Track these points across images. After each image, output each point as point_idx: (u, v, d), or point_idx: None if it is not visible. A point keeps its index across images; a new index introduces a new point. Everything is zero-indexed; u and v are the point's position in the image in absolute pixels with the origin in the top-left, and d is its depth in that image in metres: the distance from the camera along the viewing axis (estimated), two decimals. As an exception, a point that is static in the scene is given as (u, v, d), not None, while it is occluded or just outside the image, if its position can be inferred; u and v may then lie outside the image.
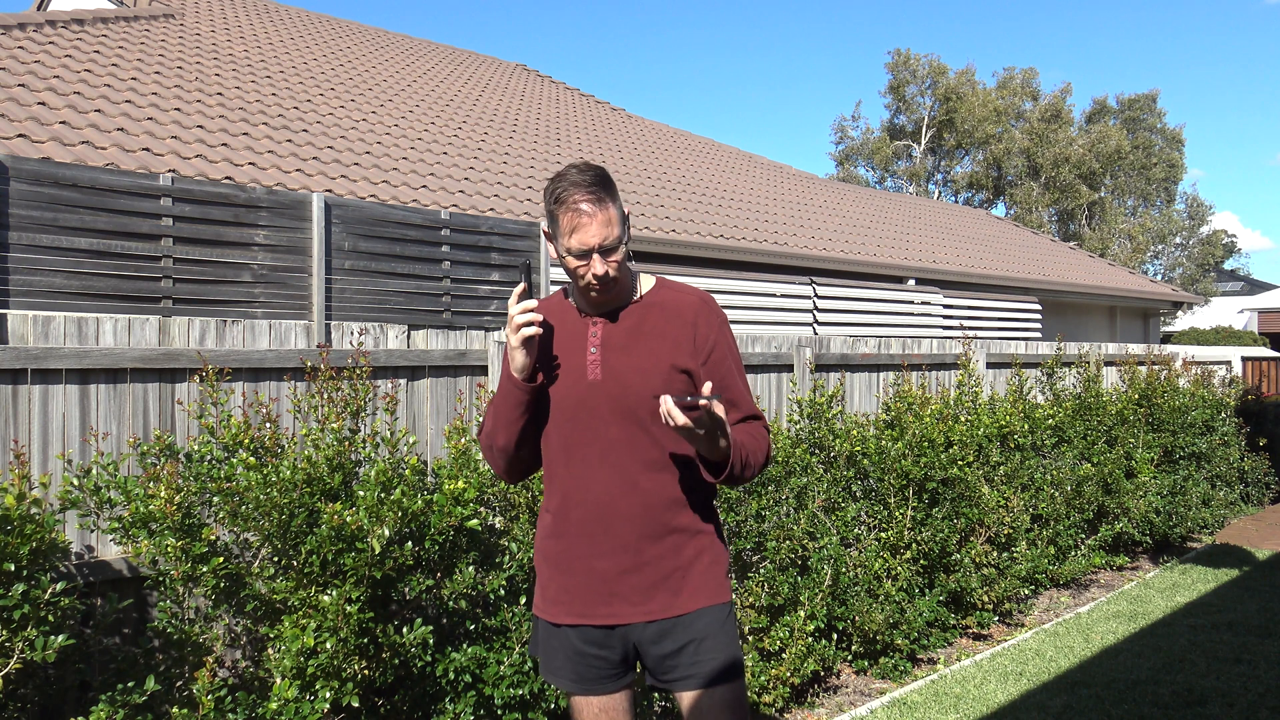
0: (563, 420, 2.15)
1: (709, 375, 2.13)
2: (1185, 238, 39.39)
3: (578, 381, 2.13)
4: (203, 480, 2.97)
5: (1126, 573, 7.09)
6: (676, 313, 2.16)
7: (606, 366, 2.11)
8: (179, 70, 8.42)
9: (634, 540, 2.09)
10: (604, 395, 2.10)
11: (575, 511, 2.13)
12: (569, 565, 2.14)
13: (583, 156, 11.09)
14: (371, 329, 4.08)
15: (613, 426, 2.09)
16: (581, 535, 2.12)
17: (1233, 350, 14.07)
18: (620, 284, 2.13)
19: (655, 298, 2.20)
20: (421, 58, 14.04)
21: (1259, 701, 4.34)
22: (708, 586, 2.13)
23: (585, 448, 2.12)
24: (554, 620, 2.16)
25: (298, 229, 4.64)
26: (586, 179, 2.04)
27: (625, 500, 2.09)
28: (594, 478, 2.10)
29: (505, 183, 8.72)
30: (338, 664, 2.91)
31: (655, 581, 2.10)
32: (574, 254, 2.05)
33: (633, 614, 2.10)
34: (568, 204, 2.03)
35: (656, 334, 2.13)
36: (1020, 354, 7.93)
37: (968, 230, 17.13)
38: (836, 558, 4.56)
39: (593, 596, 2.11)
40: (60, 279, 3.89)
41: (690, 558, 2.12)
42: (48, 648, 2.53)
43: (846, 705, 4.42)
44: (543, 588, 2.22)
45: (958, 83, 37.28)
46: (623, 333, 2.14)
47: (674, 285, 2.24)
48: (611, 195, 2.07)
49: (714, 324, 2.18)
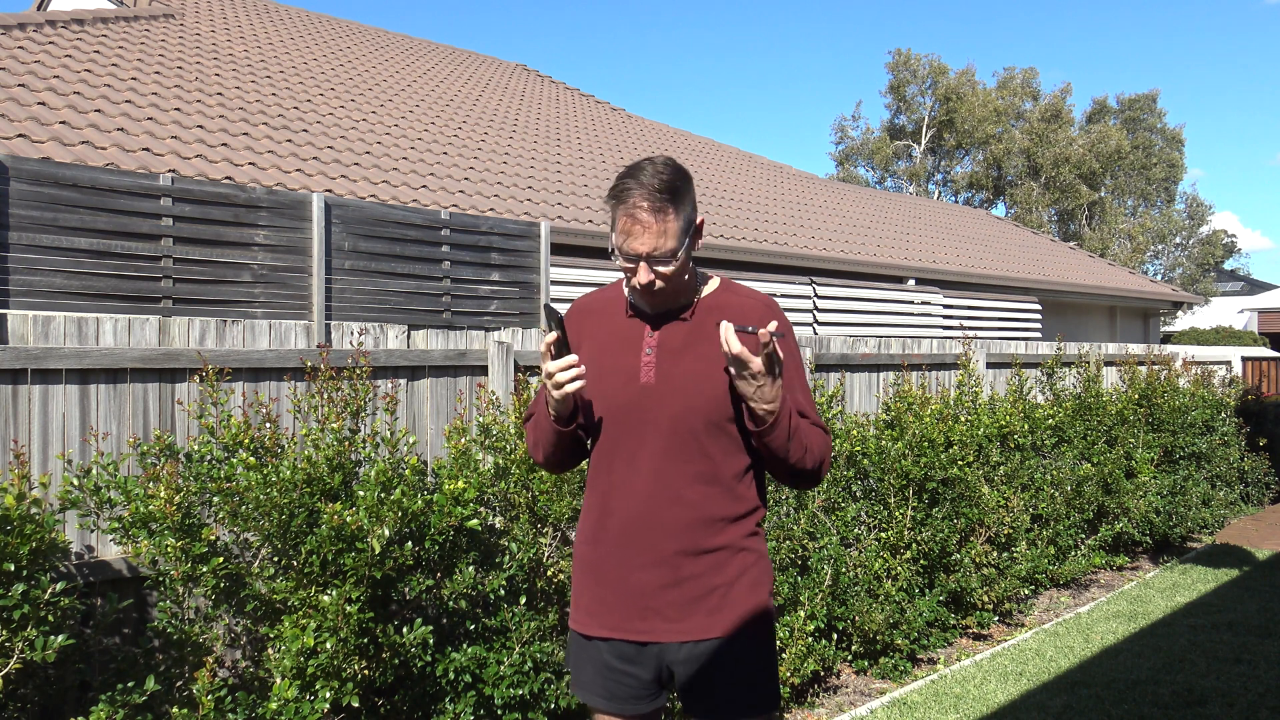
0: (609, 423, 2.04)
1: None
2: (1185, 238, 39.40)
3: (628, 383, 2.01)
4: (203, 480, 2.97)
5: (1126, 573, 7.09)
6: (739, 317, 2.02)
7: (660, 370, 2.00)
8: (179, 70, 8.42)
9: (673, 555, 1.97)
10: (655, 400, 1.98)
11: (614, 520, 2.02)
12: (604, 575, 2.03)
13: (582, 157, 11.10)
14: (371, 329, 4.08)
15: (661, 434, 1.98)
16: (619, 545, 2.01)
17: (1233, 350, 14.07)
18: (672, 292, 2.00)
19: (717, 300, 2.06)
20: (421, 58, 14.04)
21: (1259, 701, 4.34)
22: (748, 609, 2.02)
23: (630, 454, 2.00)
24: (585, 632, 2.07)
25: (298, 229, 4.64)
26: (655, 184, 1.90)
27: (667, 512, 1.98)
28: (636, 486, 1.99)
29: (505, 183, 8.72)
30: (338, 664, 2.91)
31: (693, 599, 1.98)
32: (624, 257, 1.95)
33: (668, 632, 1.99)
34: (626, 205, 1.91)
35: (716, 339, 1.98)
36: (1020, 354, 7.93)
37: (968, 230, 17.13)
38: (836, 558, 4.56)
39: (628, 610, 2.00)
40: (60, 279, 3.89)
41: (732, 576, 2.00)
42: (48, 648, 2.53)
43: (846, 705, 4.42)
44: (577, 597, 2.12)
45: (958, 83, 37.29)
46: (680, 336, 2.02)
47: (738, 289, 2.12)
48: (678, 204, 1.92)
49: (778, 331, 2.02)
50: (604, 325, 2.10)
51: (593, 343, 2.08)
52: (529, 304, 5.75)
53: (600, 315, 2.12)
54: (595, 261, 7.43)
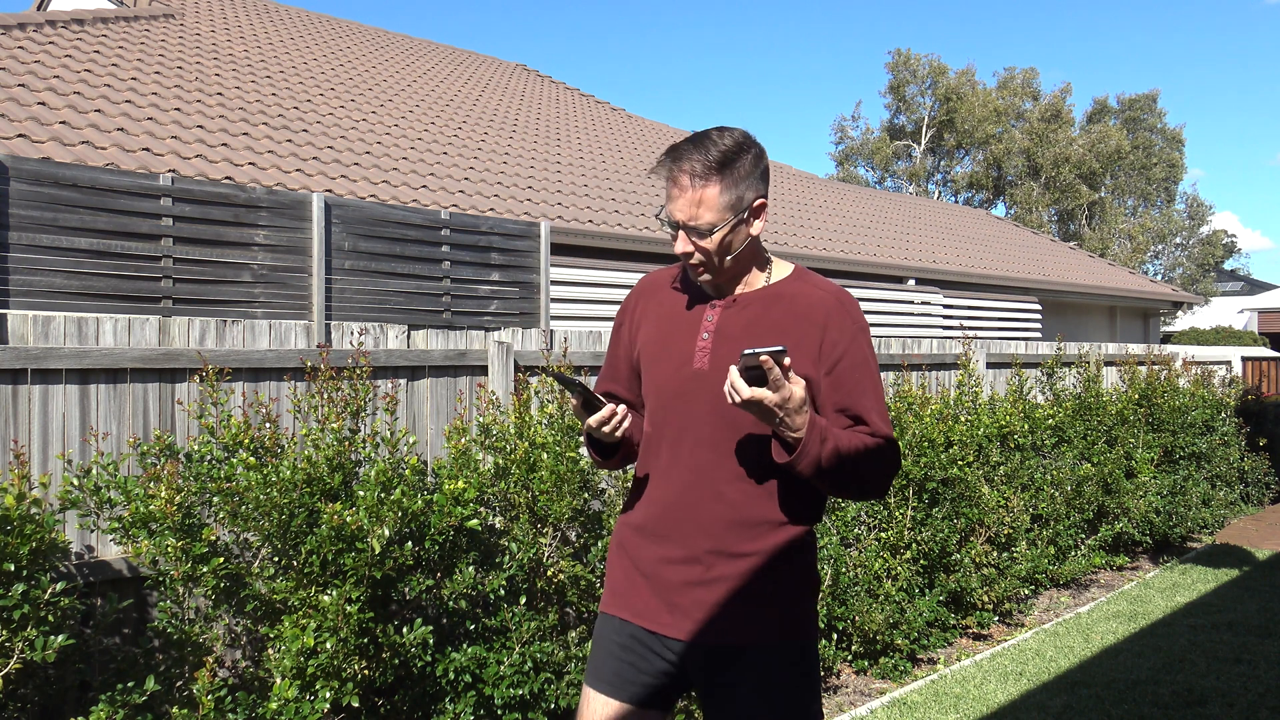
0: (657, 407, 1.94)
1: (834, 386, 1.85)
2: (1185, 238, 39.39)
3: (681, 368, 1.90)
4: (203, 480, 2.97)
5: (1126, 573, 7.09)
6: (806, 310, 1.89)
7: (715, 357, 1.87)
8: (179, 70, 8.42)
9: (705, 553, 1.85)
10: (706, 388, 1.85)
11: (655, 508, 1.92)
12: (639, 562, 1.94)
13: (582, 157, 11.10)
14: (371, 329, 4.08)
15: (708, 424, 1.86)
16: (654, 535, 1.92)
17: (1233, 350, 14.07)
18: (718, 268, 1.88)
19: (785, 289, 1.93)
20: (421, 58, 14.04)
21: (1259, 701, 4.34)
22: (784, 619, 1.87)
23: (673, 443, 1.90)
24: (609, 611, 1.98)
25: (298, 229, 4.64)
26: (708, 147, 1.80)
27: (705, 508, 1.86)
28: (675, 478, 1.89)
29: (505, 183, 8.72)
30: (338, 664, 2.91)
31: (723, 602, 1.85)
32: (664, 221, 1.87)
33: (690, 631, 1.86)
34: (671, 168, 1.82)
35: (779, 330, 1.87)
36: (1020, 354, 7.93)
37: (968, 230, 17.13)
38: (836, 558, 4.56)
39: (656, 600, 1.90)
40: (60, 279, 3.89)
41: (771, 584, 1.86)
42: (48, 648, 2.53)
43: (846, 705, 4.42)
44: (611, 578, 2.01)
45: (958, 83, 37.29)
46: (741, 322, 1.90)
47: (811, 278, 1.97)
48: (727, 177, 1.80)
49: (847, 329, 1.88)
50: (668, 303, 2.00)
51: (655, 320, 2.00)
52: (529, 304, 5.75)
53: (666, 292, 2.02)
54: (596, 261, 7.43)
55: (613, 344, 2.11)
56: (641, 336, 2.00)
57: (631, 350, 2.04)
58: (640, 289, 2.09)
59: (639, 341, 2.02)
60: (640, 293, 2.08)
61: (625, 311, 2.09)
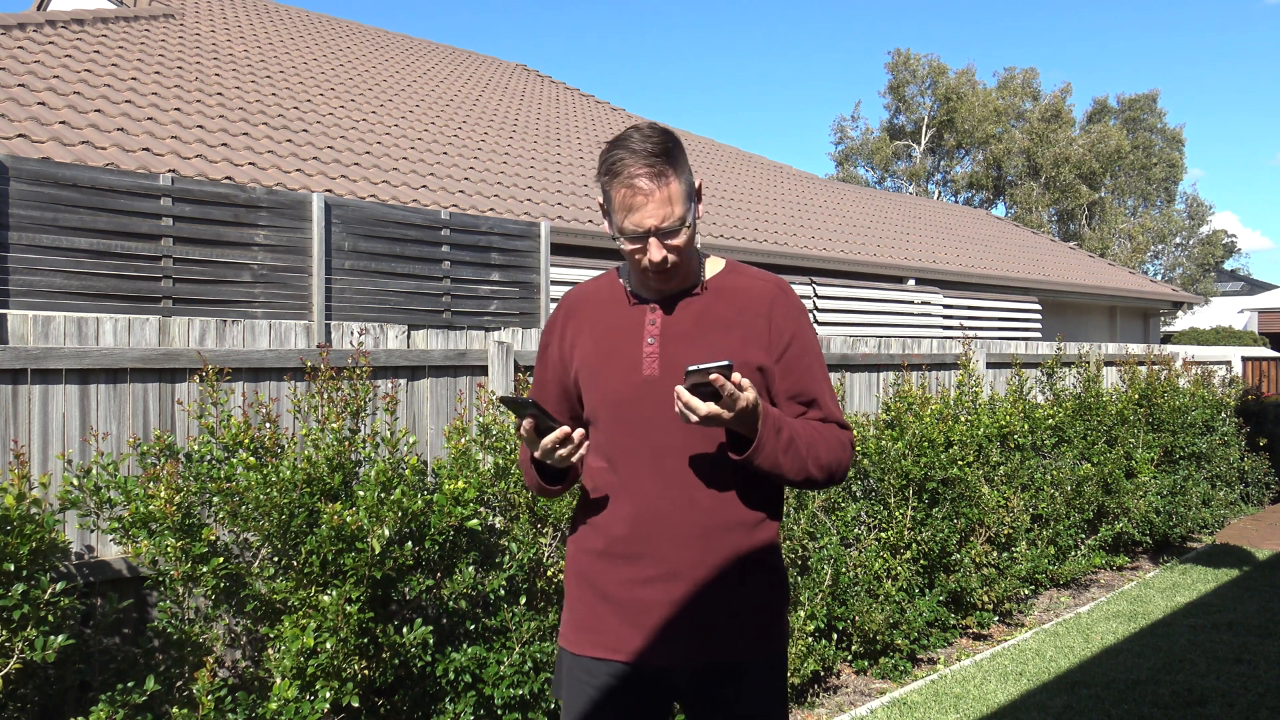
0: (609, 420, 1.86)
1: (785, 373, 1.86)
2: (1185, 238, 39.39)
3: (629, 377, 1.83)
4: (203, 480, 2.97)
5: (1126, 573, 7.09)
6: (748, 301, 1.87)
7: (665, 360, 1.82)
8: (179, 70, 8.42)
9: (685, 567, 1.79)
10: (661, 394, 1.79)
11: (619, 528, 1.82)
12: (608, 590, 1.84)
13: (582, 157, 11.10)
14: (371, 329, 4.08)
15: (669, 431, 1.79)
16: (625, 556, 1.82)
17: (1233, 350, 14.07)
18: (683, 268, 1.84)
19: (724, 282, 1.90)
20: (421, 58, 14.04)
21: (1259, 701, 4.34)
22: (764, 631, 1.85)
23: (634, 454, 1.82)
24: (579, 651, 1.87)
25: (298, 229, 4.64)
26: (648, 147, 1.74)
27: (679, 519, 1.79)
28: (643, 490, 1.81)
29: (505, 183, 8.72)
30: (338, 664, 2.91)
31: (703, 618, 1.79)
32: (628, 236, 1.76)
33: (674, 655, 1.80)
34: (621, 177, 1.73)
35: (725, 324, 1.84)
36: (1020, 354, 7.93)
37: (968, 230, 17.13)
38: (836, 558, 4.56)
39: (628, 628, 1.81)
40: (60, 279, 3.89)
41: (749, 594, 1.83)
42: (48, 648, 2.53)
43: (846, 705, 4.42)
44: (571, 610, 1.92)
45: (958, 83, 37.29)
46: (685, 322, 1.85)
47: (746, 269, 1.95)
48: (676, 166, 1.76)
49: (792, 314, 1.88)
50: (602, 314, 1.93)
51: (591, 334, 1.92)
52: (529, 304, 5.75)
53: (597, 304, 1.95)
54: (595, 261, 7.43)
55: (539, 366, 2.02)
56: (578, 354, 1.92)
57: (564, 371, 1.96)
58: (566, 306, 2.00)
59: (575, 360, 1.93)
60: (568, 310, 1.99)
61: (552, 332, 2.00)
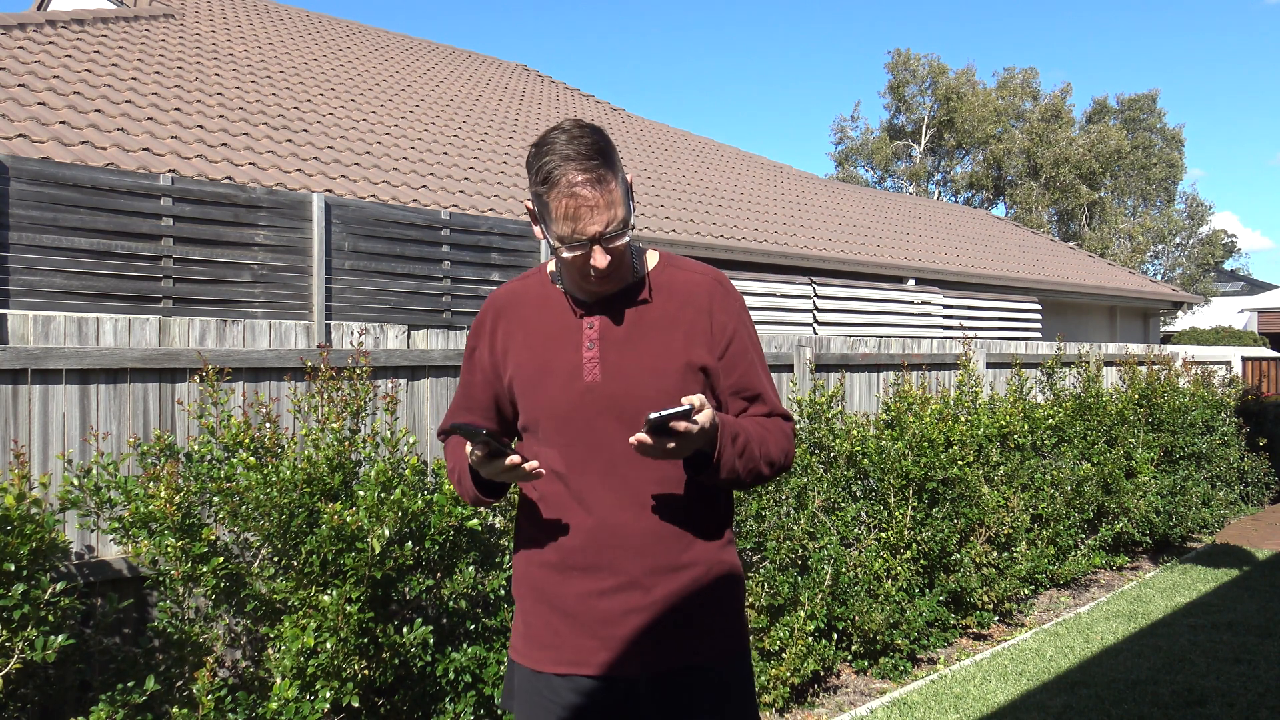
0: (554, 430, 1.78)
1: (728, 370, 1.81)
2: (1185, 238, 39.39)
3: (570, 384, 1.76)
4: (203, 480, 2.97)
5: (1126, 573, 7.09)
6: (688, 297, 1.81)
7: (606, 365, 1.76)
8: (179, 70, 8.42)
9: (644, 575, 1.74)
10: (604, 400, 1.75)
11: (572, 539, 1.77)
12: (564, 603, 1.77)
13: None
14: (371, 329, 4.08)
15: (616, 437, 1.72)
16: (580, 567, 1.76)
17: (1233, 350, 14.07)
18: (623, 268, 1.78)
19: (661, 279, 1.83)
20: (421, 58, 14.04)
21: (1259, 701, 4.34)
22: (728, 631, 1.82)
23: (585, 463, 1.76)
24: (538, 668, 1.79)
25: (298, 229, 4.64)
26: (583, 149, 1.65)
27: (634, 526, 1.74)
28: (597, 499, 1.75)
29: (505, 183, 8.72)
30: (338, 664, 2.91)
31: (668, 624, 1.75)
32: (568, 244, 1.68)
33: (640, 664, 1.74)
34: (560, 186, 1.65)
35: (666, 323, 1.78)
36: (1020, 354, 7.93)
37: (968, 230, 17.14)
38: (836, 558, 4.56)
39: (591, 641, 1.75)
40: (60, 279, 3.89)
41: (709, 595, 1.79)
42: (48, 648, 2.53)
43: (846, 705, 4.42)
44: (526, 625, 1.83)
45: (958, 83, 37.29)
46: (624, 324, 1.78)
47: (682, 263, 1.88)
48: (612, 166, 1.68)
49: (732, 309, 1.83)
50: (535, 318, 1.83)
51: (524, 340, 1.83)
52: (529, 304, 5.75)
53: (528, 306, 1.85)
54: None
55: (465, 371, 1.93)
56: (511, 361, 1.83)
57: (494, 375, 1.87)
58: (494, 308, 1.89)
59: (509, 365, 1.84)
60: (496, 312, 1.88)
61: (480, 334, 1.90)
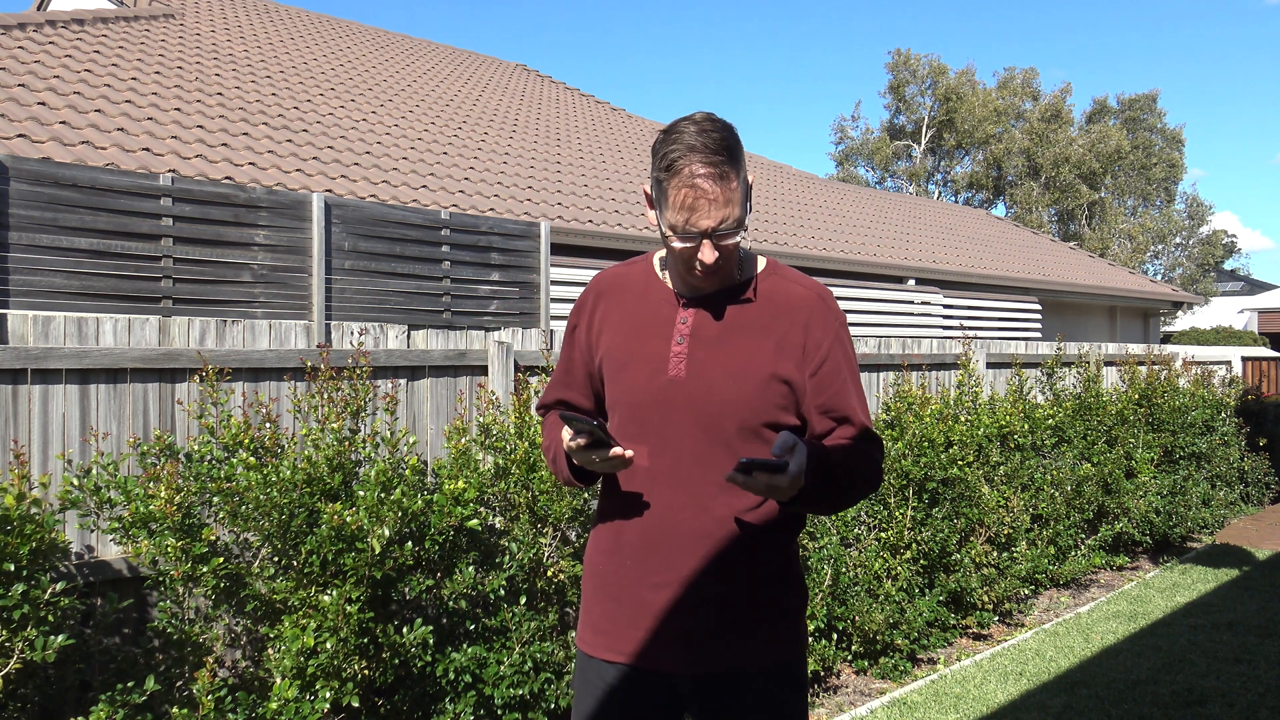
0: (630, 420, 1.78)
1: (819, 389, 1.77)
2: (1185, 238, 39.38)
3: (654, 375, 1.76)
4: (203, 480, 2.97)
5: (1126, 573, 7.09)
6: (787, 308, 1.78)
7: (693, 362, 1.74)
8: (179, 70, 8.42)
9: (694, 574, 1.73)
10: (684, 397, 1.74)
11: (632, 530, 1.78)
12: (618, 592, 1.79)
13: (582, 157, 11.10)
14: (371, 329, 4.08)
15: (689, 435, 1.73)
16: (636, 559, 1.77)
17: (1233, 350, 14.07)
18: (728, 267, 1.75)
19: (763, 285, 1.80)
20: (421, 58, 14.04)
21: (1259, 701, 4.34)
22: (780, 639, 1.78)
23: (653, 457, 1.76)
24: (592, 653, 1.83)
25: (298, 229, 4.64)
26: (711, 142, 1.65)
27: (691, 525, 1.73)
28: (658, 494, 1.75)
29: (505, 183, 8.72)
30: (338, 664, 2.91)
31: (713, 626, 1.74)
32: (680, 235, 1.68)
33: (681, 662, 1.74)
34: (682, 175, 1.64)
35: (758, 330, 1.76)
36: (1020, 354, 7.93)
37: (968, 230, 17.13)
38: (836, 558, 4.56)
39: (640, 633, 1.76)
40: (60, 279, 3.89)
41: (761, 601, 1.76)
42: (48, 648, 2.53)
43: (846, 705, 4.42)
44: (586, 612, 1.88)
45: (958, 83, 37.29)
46: (719, 324, 1.76)
47: (788, 273, 1.84)
48: (737, 165, 1.67)
49: (830, 327, 1.79)
50: (633, 304, 1.84)
51: (619, 324, 1.84)
52: (529, 304, 5.75)
53: (628, 292, 1.86)
54: (595, 261, 7.43)
55: (566, 347, 1.94)
56: (604, 342, 1.85)
57: (590, 355, 1.89)
58: (596, 289, 1.91)
59: (601, 347, 1.86)
60: (598, 293, 1.91)
61: (581, 313, 1.92)
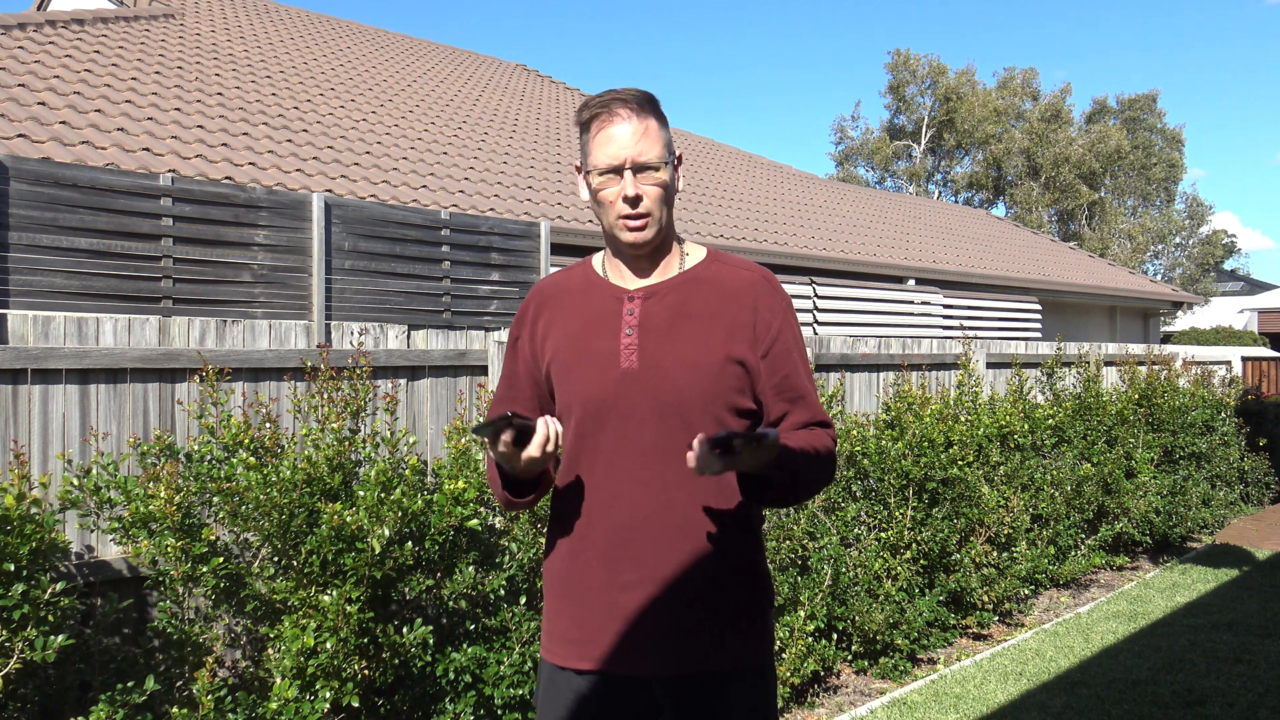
0: (586, 417, 1.74)
1: (770, 370, 1.75)
2: (1185, 238, 39.37)
3: (607, 370, 1.73)
4: (203, 480, 2.97)
5: (1126, 573, 7.09)
6: (733, 292, 1.77)
7: (644, 353, 1.72)
8: (179, 70, 8.42)
9: (667, 572, 1.69)
10: (640, 389, 1.71)
11: (597, 530, 1.73)
12: (584, 595, 1.74)
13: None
14: (371, 329, 4.08)
15: (649, 428, 1.70)
16: (602, 561, 1.72)
17: (1233, 350, 14.07)
18: (659, 227, 1.74)
19: (706, 272, 1.80)
20: (421, 58, 14.04)
21: (1259, 701, 4.34)
22: (751, 639, 1.76)
23: (613, 453, 1.72)
24: (561, 664, 1.76)
25: (298, 229, 4.64)
26: (628, 95, 1.73)
27: (660, 520, 1.69)
28: (622, 491, 1.71)
29: (505, 183, 8.72)
30: (338, 664, 2.91)
31: (690, 625, 1.70)
32: (601, 170, 1.72)
33: (658, 664, 1.70)
34: (600, 119, 1.72)
35: (707, 316, 1.74)
36: (1020, 354, 7.93)
37: (968, 230, 17.13)
38: (836, 558, 4.56)
39: (611, 637, 1.71)
40: (60, 279, 3.89)
41: (732, 601, 1.73)
42: (48, 648, 2.53)
43: (846, 705, 4.42)
44: (550, 621, 1.81)
45: (958, 83, 37.28)
46: (665, 312, 1.75)
47: (730, 259, 1.85)
48: (658, 115, 1.74)
49: (778, 308, 1.79)
50: (575, 305, 1.82)
51: (564, 326, 1.81)
52: (529, 304, 5.74)
53: (569, 294, 1.84)
54: (595, 261, 7.43)
55: (509, 361, 1.90)
56: (550, 347, 1.82)
57: (534, 365, 1.85)
58: (537, 297, 1.88)
59: (547, 353, 1.82)
60: (539, 302, 1.87)
61: (522, 324, 1.88)
